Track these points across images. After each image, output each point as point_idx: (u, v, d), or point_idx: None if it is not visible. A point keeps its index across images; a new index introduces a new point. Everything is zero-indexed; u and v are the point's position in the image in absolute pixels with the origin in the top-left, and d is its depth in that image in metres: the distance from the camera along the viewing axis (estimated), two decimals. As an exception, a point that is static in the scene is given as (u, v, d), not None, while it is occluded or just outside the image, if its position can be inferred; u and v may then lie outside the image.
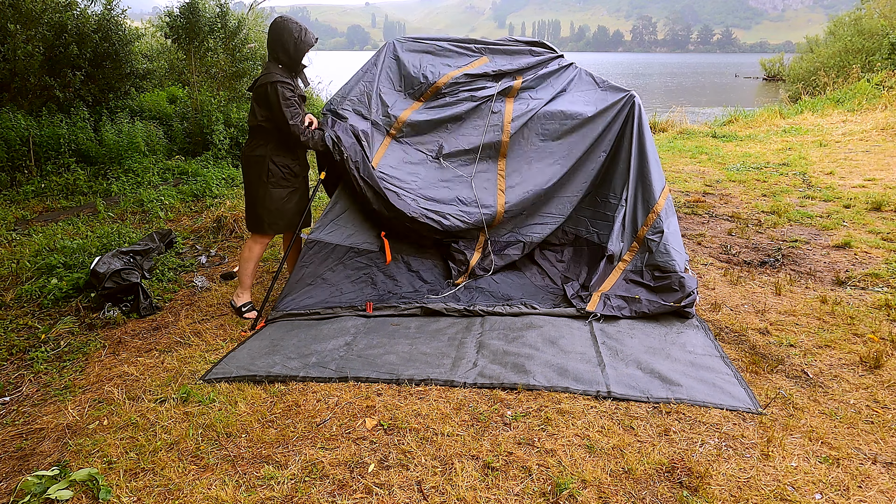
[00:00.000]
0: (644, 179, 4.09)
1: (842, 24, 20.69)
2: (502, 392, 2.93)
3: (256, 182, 3.76)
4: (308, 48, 3.68)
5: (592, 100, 4.28)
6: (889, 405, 2.81)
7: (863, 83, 14.74)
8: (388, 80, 4.35)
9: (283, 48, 3.61)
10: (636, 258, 3.99)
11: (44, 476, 2.34)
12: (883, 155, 8.74)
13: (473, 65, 4.39)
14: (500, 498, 2.23)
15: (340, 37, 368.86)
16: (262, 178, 3.73)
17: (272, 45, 3.64)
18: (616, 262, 4.02)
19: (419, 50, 4.46)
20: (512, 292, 4.06)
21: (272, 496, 2.26)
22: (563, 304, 3.89)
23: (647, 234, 3.97)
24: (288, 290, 3.88)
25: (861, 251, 4.90)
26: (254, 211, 3.84)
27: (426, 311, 3.81)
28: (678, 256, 3.86)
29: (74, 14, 8.27)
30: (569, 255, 4.35)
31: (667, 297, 3.73)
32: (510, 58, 4.50)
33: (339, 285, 3.96)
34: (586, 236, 4.31)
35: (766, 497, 2.23)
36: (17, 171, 7.17)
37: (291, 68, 3.68)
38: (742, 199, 6.71)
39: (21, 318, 3.90)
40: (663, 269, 3.81)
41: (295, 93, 3.62)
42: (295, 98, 3.60)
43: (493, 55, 4.49)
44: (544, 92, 4.36)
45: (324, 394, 2.94)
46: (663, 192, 4.07)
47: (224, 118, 8.77)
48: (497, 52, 4.52)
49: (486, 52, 4.48)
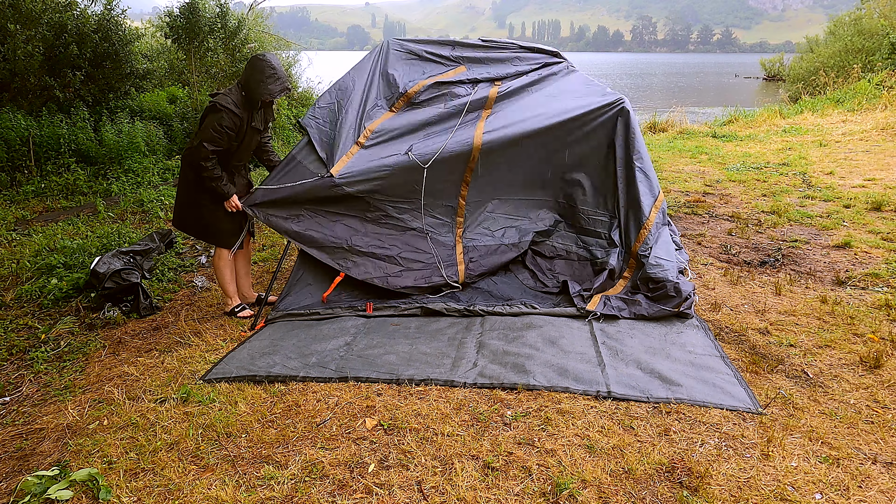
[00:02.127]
0: (634, 196, 4.07)
1: (842, 24, 20.68)
2: (502, 392, 2.93)
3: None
4: (268, 96, 3.60)
5: (574, 106, 4.13)
6: (889, 405, 2.81)
7: (863, 83, 14.74)
8: (374, 87, 4.30)
9: (247, 81, 3.60)
10: (634, 273, 4.00)
11: (44, 476, 2.34)
12: (883, 155, 8.74)
13: (448, 74, 4.36)
14: (500, 498, 2.23)
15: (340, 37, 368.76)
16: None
17: (244, 72, 3.64)
18: (617, 278, 4.03)
19: (403, 54, 4.44)
20: (512, 292, 4.06)
21: (272, 496, 2.26)
22: (563, 303, 3.89)
23: (640, 249, 3.99)
24: (288, 290, 3.88)
25: (861, 251, 4.90)
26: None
27: (426, 312, 3.81)
28: (669, 265, 3.86)
29: (74, 14, 8.28)
30: (560, 266, 4.26)
31: (666, 302, 3.73)
32: (491, 67, 4.46)
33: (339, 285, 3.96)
34: (577, 251, 4.26)
35: (766, 497, 2.23)
36: (17, 171, 7.18)
37: (251, 103, 3.64)
38: (742, 199, 6.71)
39: (21, 318, 3.90)
40: (656, 280, 3.81)
41: (233, 127, 3.56)
42: (226, 131, 3.54)
43: (472, 64, 4.45)
44: (523, 102, 4.28)
45: (324, 394, 2.94)
46: (656, 203, 4.07)
47: (224, 118, 8.75)
48: (479, 60, 4.48)
49: (464, 61, 4.44)
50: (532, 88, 4.41)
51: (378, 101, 4.25)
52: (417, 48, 4.53)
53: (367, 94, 4.25)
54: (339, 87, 4.29)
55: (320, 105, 4.20)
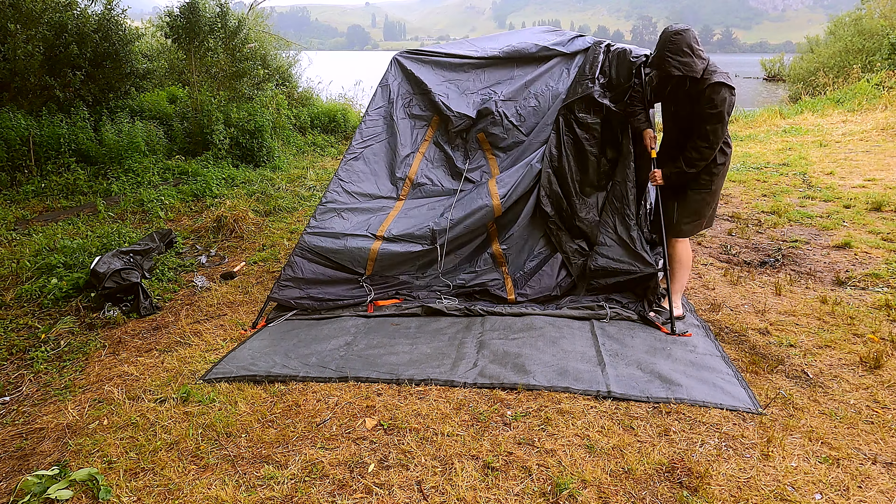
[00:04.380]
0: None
1: (842, 24, 20.65)
2: (502, 392, 2.93)
3: None
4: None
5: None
6: (889, 405, 2.81)
7: (863, 83, 14.72)
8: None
9: None
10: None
11: (44, 476, 2.34)
12: (883, 155, 8.73)
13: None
14: (500, 498, 2.23)
15: (340, 37, 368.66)
16: None
17: None
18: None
19: (411, 111, 4.30)
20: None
21: (272, 496, 2.26)
22: (566, 304, 3.87)
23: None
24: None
25: (861, 251, 4.89)
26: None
27: (427, 311, 3.81)
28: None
29: (74, 14, 8.27)
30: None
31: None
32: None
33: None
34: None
35: (766, 497, 2.23)
36: (17, 170, 7.17)
37: None
38: (742, 199, 6.71)
39: (21, 318, 3.90)
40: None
41: None
42: None
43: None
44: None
45: (324, 394, 2.94)
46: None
47: (224, 118, 8.77)
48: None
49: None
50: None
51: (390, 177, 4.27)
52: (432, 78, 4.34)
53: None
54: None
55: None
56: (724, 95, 3.26)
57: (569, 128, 3.96)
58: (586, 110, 3.91)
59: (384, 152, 4.24)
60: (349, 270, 3.97)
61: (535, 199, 4.02)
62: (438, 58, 4.31)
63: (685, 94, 3.43)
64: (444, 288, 3.99)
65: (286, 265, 3.93)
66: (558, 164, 3.96)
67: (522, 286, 3.96)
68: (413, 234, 3.96)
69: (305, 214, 6.45)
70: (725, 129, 3.36)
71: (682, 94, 3.44)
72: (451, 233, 3.94)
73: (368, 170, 4.20)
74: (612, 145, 3.95)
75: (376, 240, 3.95)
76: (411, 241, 3.96)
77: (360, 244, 3.92)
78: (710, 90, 3.28)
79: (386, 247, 3.93)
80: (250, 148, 8.76)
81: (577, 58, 4.14)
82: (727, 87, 3.28)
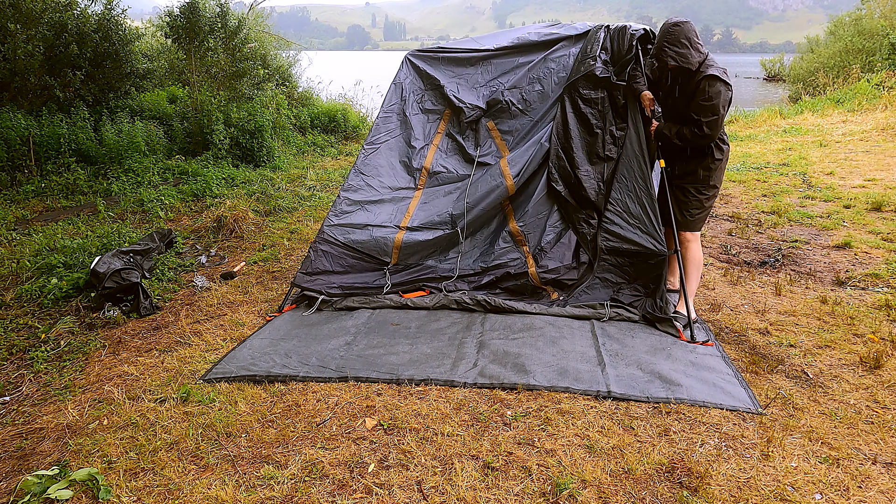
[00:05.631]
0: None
1: (842, 24, 20.63)
2: (502, 392, 2.93)
3: None
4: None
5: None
6: (889, 405, 2.81)
7: (863, 83, 14.72)
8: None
9: None
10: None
11: (44, 476, 2.34)
12: (883, 155, 8.73)
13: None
14: (500, 498, 2.23)
15: (340, 37, 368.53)
16: None
17: None
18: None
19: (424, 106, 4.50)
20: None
21: (272, 496, 2.26)
22: (566, 303, 3.87)
23: None
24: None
25: (861, 251, 4.89)
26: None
27: (440, 304, 3.92)
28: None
29: (74, 14, 8.27)
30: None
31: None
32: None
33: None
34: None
35: (766, 497, 2.23)
36: (17, 170, 7.17)
37: None
38: (742, 199, 6.71)
39: (21, 318, 3.90)
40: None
41: None
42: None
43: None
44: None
45: (324, 394, 2.94)
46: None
47: (224, 118, 8.77)
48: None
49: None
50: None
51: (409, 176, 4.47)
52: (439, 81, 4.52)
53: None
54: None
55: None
56: (718, 88, 3.30)
57: (573, 105, 4.09)
58: (589, 87, 4.03)
59: (399, 146, 4.47)
60: (375, 260, 4.19)
61: (546, 176, 4.17)
62: (447, 54, 4.53)
63: (682, 88, 3.45)
64: (466, 269, 4.16)
65: (308, 258, 4.10)
66: (564, 139, 4.10)
67: (543, 259, 4.09)
68: (434, 220, 4.24)
69: (305, 214, 6.45)
70: (721, 125, 3.38)
71: (679, 88, 3.47)
72: (470, 215, 4.18)
73: (386, 163, 4.43)
74: (618, 119, 4.02)
75: (400, 230, 4.19)
76: (433, 228, 4.23)
77: (386, 234, 4.19)
78: (704, 82, 3.33)
79: (409, 236, 4.19)
80: (250, 148, 8.76)
81: (579, 41, 4.29)
82: (722, 81, 3.31)
